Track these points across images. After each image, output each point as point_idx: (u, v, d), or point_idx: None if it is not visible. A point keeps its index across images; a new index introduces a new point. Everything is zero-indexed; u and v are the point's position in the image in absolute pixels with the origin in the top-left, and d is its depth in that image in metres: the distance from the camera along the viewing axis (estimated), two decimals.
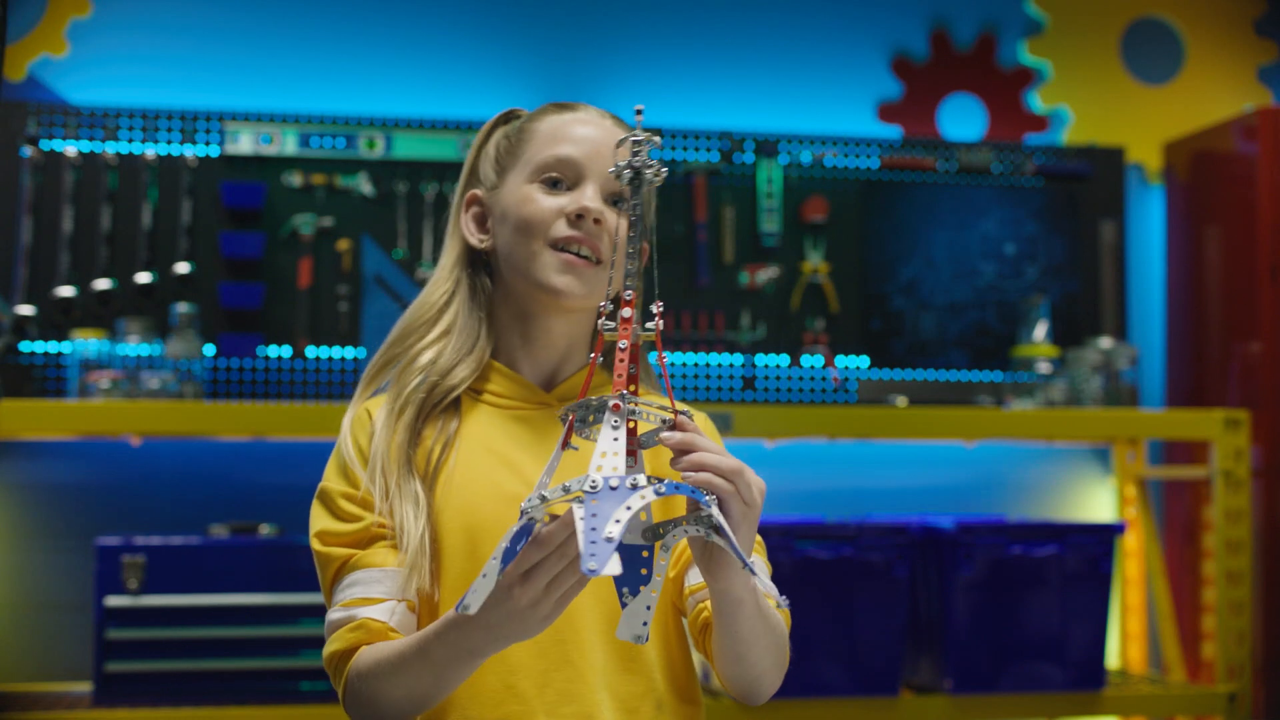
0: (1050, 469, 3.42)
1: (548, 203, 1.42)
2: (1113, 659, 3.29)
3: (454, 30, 3.25)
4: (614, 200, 1.44)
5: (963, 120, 3.46)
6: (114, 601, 2.60)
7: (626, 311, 1.17)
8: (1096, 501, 3.42)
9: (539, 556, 1.13)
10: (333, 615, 1.36)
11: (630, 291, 1.18)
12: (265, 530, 2.78)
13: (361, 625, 1.33)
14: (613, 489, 1.09)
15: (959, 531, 2.75)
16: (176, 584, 2.62)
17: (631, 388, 1.19)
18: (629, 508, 1.07)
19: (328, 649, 1.35)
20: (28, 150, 2.95)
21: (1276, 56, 3.60)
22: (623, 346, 1.18)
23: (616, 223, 1.41)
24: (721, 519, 1.15)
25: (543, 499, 1.13)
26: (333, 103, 3.14)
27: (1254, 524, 3.08)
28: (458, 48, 3.25)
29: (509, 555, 1.15)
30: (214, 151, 3.03)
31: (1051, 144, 3.43)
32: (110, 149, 2.99)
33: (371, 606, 1.34)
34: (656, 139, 1.21)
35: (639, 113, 1.22)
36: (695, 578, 1.41)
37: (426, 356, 1.45)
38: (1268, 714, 3.06)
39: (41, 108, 2.97)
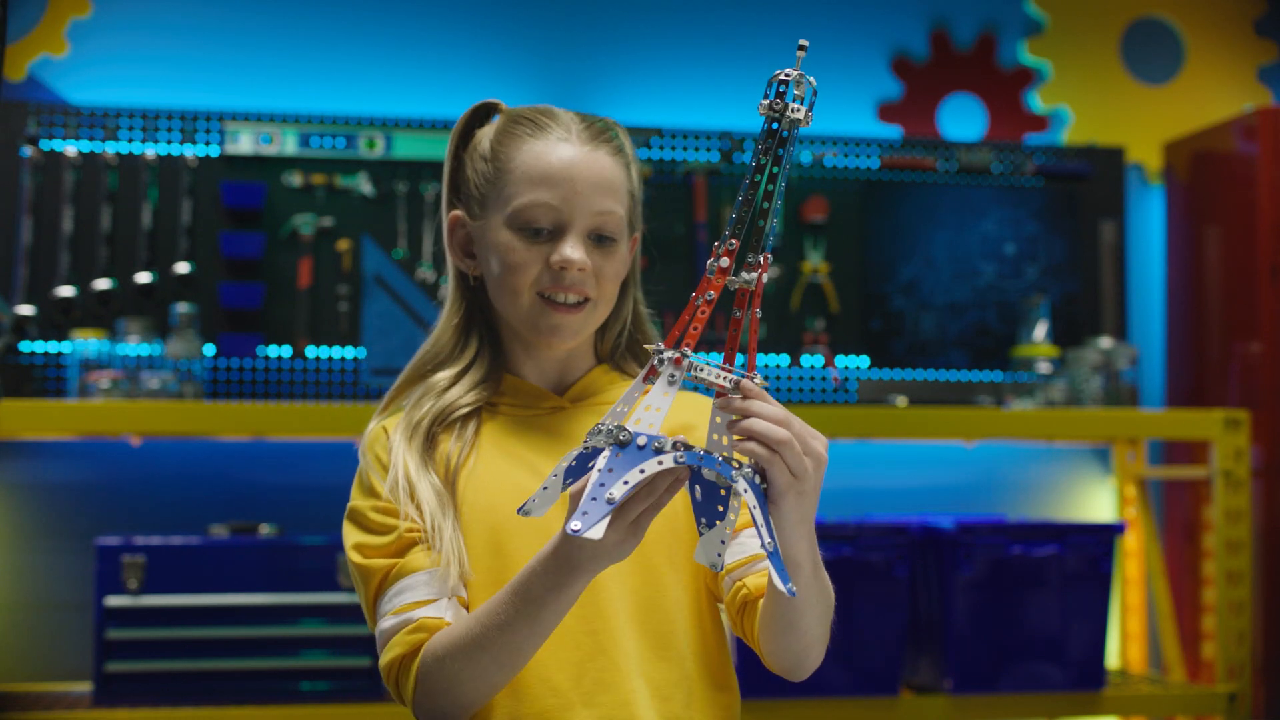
0: (1050, 469, 3.42)
1: (529, 254, 1.42)
2: (1113, 659, 3.29)
3: (454, 30, 3.25)
4: (597, 237, 1.43)
5: (963, 120, 3.46)
6: (114, 601, 2.60)
7: (725, 261, 1.14)
8: (1096, 501, 3.42)
9: (647, 502, 1.16)
10: (385, 624, 1.36)
11: (734, 241, 1.15)
12: (265, 530, 2.77)
13: (421, 625, 1.34)
14: (639, 448, 1.10)
15: (959, 531, 2.75)
16: (176, 584, 2.62)
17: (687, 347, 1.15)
18: (642, 471, 1.09)
19: (386, 657, 1.35)
20: (28, 150, 2.95)
21: (1276, 56, 3.60)
22: (710, 298, 1.15)
23: (601, 263, 1.42)
24: (746, 491, 1.13)
25: (610, 432, 1.12)
26: (333, 103, 3.14)
27: (1254, 524, 3.08)
28: (458, 48, 3.25)
29: (571, 472, 1.15)
30: (214, 151, 3.03)
31: (1051, 144, 3.43)
32: (110, 149, 2.99)
33: (426, 607, 1.35)
34: (812, 79, 1.14)
35: (802, 48, 1.13)
36: (731, 556, 1.39)
37: (443, 384, 1.47)
38: (1268, 714, 3.06)
39: (41, 108, 2.97)
